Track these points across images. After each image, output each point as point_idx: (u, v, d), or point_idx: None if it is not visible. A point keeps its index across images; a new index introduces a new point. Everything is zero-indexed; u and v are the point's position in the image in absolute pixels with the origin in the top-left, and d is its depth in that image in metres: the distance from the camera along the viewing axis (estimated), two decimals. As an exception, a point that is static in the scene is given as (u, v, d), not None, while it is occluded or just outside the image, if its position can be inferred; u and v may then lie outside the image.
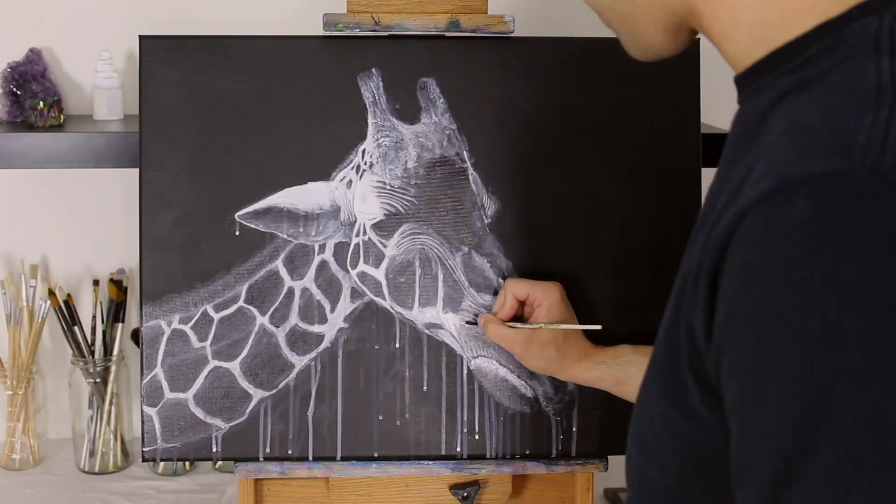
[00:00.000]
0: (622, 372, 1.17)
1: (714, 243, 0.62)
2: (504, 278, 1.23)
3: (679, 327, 0.68)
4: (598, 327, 1.18)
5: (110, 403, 1.61)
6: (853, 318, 0.55)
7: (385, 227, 1.23)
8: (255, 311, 1.23)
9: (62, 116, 1.49)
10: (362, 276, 1.23)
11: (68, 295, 1.60)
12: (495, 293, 1.22)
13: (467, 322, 1.22)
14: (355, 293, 1.23)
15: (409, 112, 1.24)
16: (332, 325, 1.23)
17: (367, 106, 1.23)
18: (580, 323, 1.20)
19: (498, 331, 1.18)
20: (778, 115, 0.66)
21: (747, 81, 0.71)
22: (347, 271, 1.23)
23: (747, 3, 0.69)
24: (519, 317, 1.20)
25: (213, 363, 1.23)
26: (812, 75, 0.65)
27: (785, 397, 0.57)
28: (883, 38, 0.64)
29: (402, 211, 1.23)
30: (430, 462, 1.24)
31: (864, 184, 0.56)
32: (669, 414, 0.70)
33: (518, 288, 1.19)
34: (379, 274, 1.23)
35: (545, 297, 1.18)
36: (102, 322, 1.61)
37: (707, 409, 0.67)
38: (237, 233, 1.23)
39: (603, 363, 1.17)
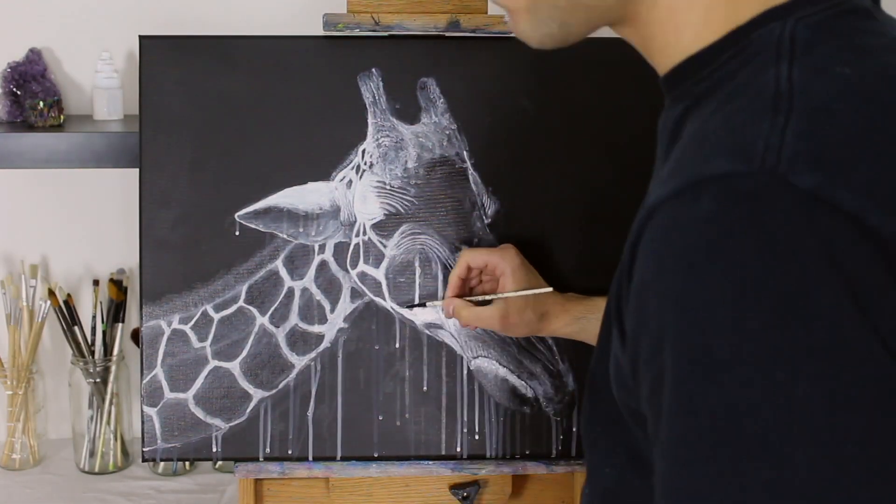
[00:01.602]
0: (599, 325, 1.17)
1: (628, 243, 0.67)
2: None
3: (611, 325, 0.72)
4: (549, 289, 1.17)
5: (110, 403, 1.60)
6: (751, 307, 0.58)
7: (385, 227, 1.23)
8: (255, 311, 1.23)
9: (62, 116, 1.49)
10: (362, 276, 1.23)
11: (68, 295, 1.60)
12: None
13: (408, 306, 1.21)
14: (355, 293, 1.23)
15: (409, 112, 1.24)
16: (332, 325, 1.23)
17: (367, 106, 1.23)
18: (542, 281, 1.19)
19: (471, 314, 1.16)
20: (690, 121, 0.69)
21: (668, 88, 0.74)
22: (347, 271, 1.23)
23: (684, 13, 0.71)
24: (472, 287, 1.19)
25: (213, 363, 1.23)
26: (720, 80, 0.68)
27: (685, 381, 0.60)
28: (784, 43, 0.66)
29: (402, 211, 1.23)
30: (430, 462, 1.24)
31: (763, 184, 0.59)
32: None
33: (475, 257, 1.18)
34: (379, 274, 1.23)
35: (506, 263, 1.16)
36: (102, 322, 1.61)
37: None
38: (237, 233, 1.23)
39: (581, 318, 1.17)
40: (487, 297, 1.17)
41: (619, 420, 0.75)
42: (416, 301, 1.22)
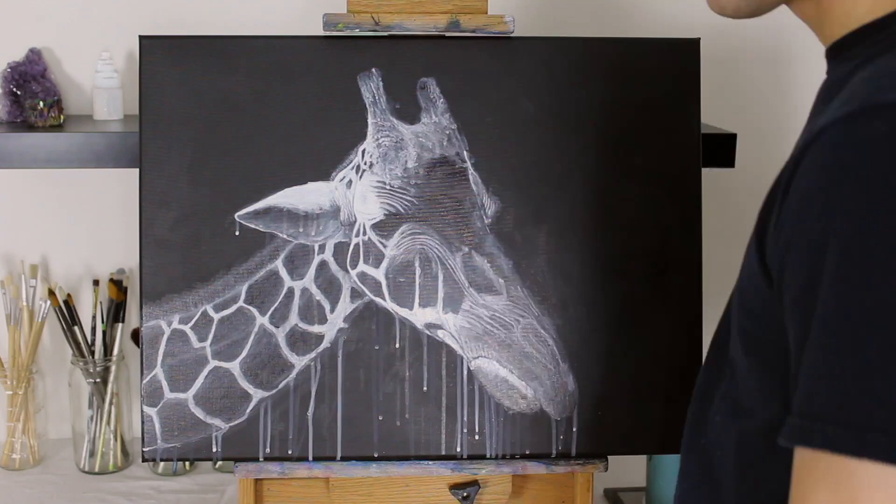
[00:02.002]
0: None
1: (789, 162, 0.70)
2: (504, 278, 1.23)
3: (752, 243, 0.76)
4: None
5: (110, 403, 1.61)
6: None
7: (385, 227, 1.23)
8: (254, 311, 1.23)
9: (62, 116, 1.49)
10: (362, 276, 1.23)
11: (68, 295, 1.60)
12: (496, 293, 1.22)
13: None
14: (355, 293, 1.23)
15: (409, 112, 1.24)
16: (332, 325, 1.23)
17: (367, 106, 1.23)
18: None
19: None
20: (861, 72, 0.73)
21: (838, 51, 0.78)
22: (347, 271, 1.23)
23: None
24: None
25: (213, 363, 1.23)
26: (893, 42, 0.72)
27: (846, 280, 0.64)
28: None
29: (402, 211, 1.23)
30: (430, 462, 1.24)
31: None
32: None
33: None
34: (379, 274, 1.23)
35: None
36: (102, 322, 1.61)
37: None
38: (237, 233, 1.23)
39: None
40: None
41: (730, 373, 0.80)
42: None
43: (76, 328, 1.59)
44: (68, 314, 1.59)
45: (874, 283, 0.63)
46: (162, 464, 1.61)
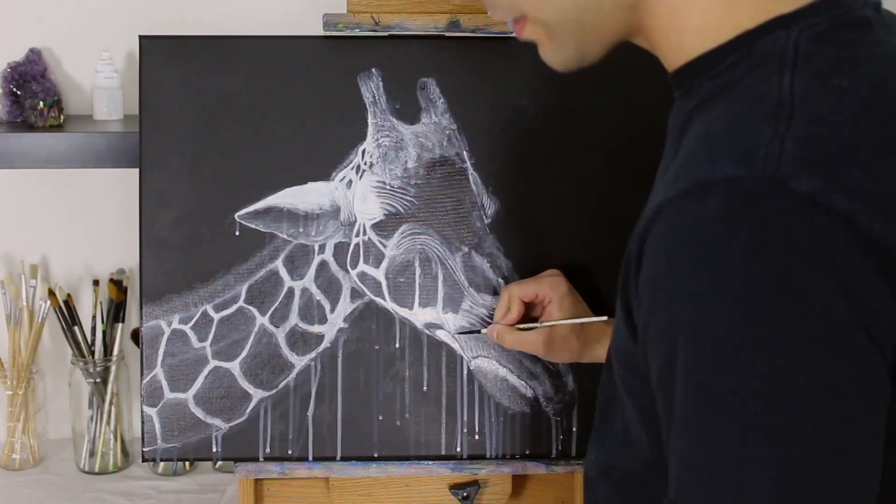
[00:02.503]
0: None
1: (636, 235, 0.72)
2: (504, 278, 1.23)
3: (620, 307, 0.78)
4: (604, 318, 1.17)
5: (110, 403, 1.60)
6: (754, 301, 0.63)
7: (385, 227, 1.23)
8: (255, 311, 1.23)
9: (62, 116, 1.49)
10: (362, 276, 1.23)
11: (68, 295, 1.60)
12: (495, 293, 1.22)
13: (461, 332, 1.22)
14: (355, 293, 1.23)
15: (409, 112, 1.24)
16: (332, 325, 1.23)
17: (367, 106, 1.23)
18: (588, 307, 1.19)
19: (515, 338, 1.17)
20: (697, 120, 0.74)
21: (678, 83, 0.79)
22: (347, 271, 1.23)
23: (689, 15, 0.76)
24: (530, 316, 1.19)
25: (213, 363, 1.23)
26: (727, 83, 0.73)
27: (697, 368, 0.66)
28: (788, 52, 0.71)
29: (402, 211, 1.23)
30: (430, 462, 1.24)
31: (764, 188, 0.64)
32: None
33: (525, 291, 1.18)
34: (379, 274, 1.23)
35: (553, 292, 1.17)
36: (102, 322, 1.61)
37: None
38: (237, 233, 1.23)
39: None
40: (532, 326, 1.17)
41: (615, 398, 0.84)
42: (469, 328, 1.22)
43: (76, 328, 1.59)
44: (68, 314, 1.59)
45: (720, 374, 0.64)
46: (162, 464, 1.61)
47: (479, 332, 1.21)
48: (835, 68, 0.70)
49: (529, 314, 1.19)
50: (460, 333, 1.22)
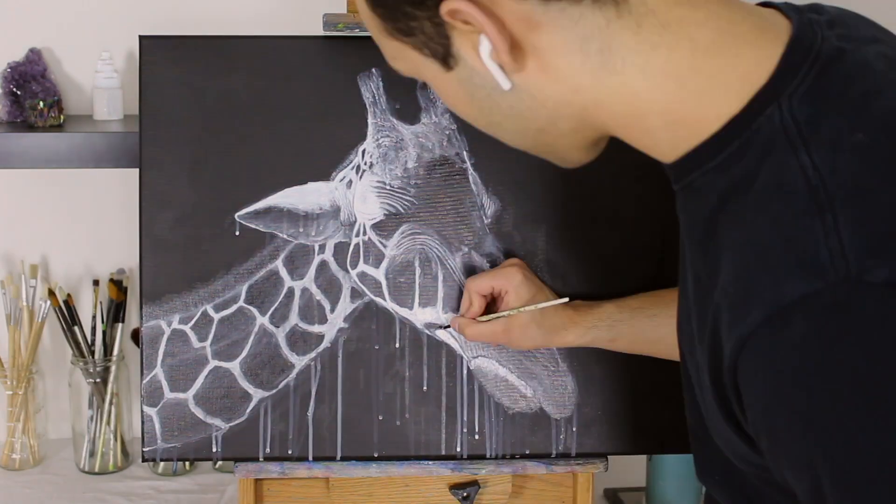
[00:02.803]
0: (613, 331, 1.18)
1: (725, 367, 0.69)
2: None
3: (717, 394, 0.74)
4: (565, 300, 1.17)
5: (110, 403, 1.61)
6: (882, 406, 0.62)
7: (385, 227, 1.23)
8: (255, 311, 1.23)
9: (62, 116, 1.49)
10: (362, 276, 1.23)
11: (68, 295, 1.60)
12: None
13: (440, 328, 1.22)
14: (355, 293, 1.23)
15: (409, 112, 1.23)
16: (332, 325, 1.23)
17: (367, 106, 1.23)
18: (552, 294, 1.19)
19: (475, 330, 1.18)
20: (727, 224, 0.71)
21: (677, 176, 0.77)
22: (347, 271, 1.23)
23: (653, 117, 0.74)
24: (491, 308, 1.20)
25: (213, 363, 1.23)
26: (743, 176, 0.70)
27: (848, 490, 0.64)
28: (790, 127, 0.68)
29: (402, 211, 1.23)
30: (430, 462, 1.24)
31: (846, 293, 0.63)
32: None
33: (480, 285, 1.18)
34: (379, 274, 1.23)
35: (508, 282, 1.17)
36: (102, 322, 1.61)
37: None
38: (237, 233, 1.23)
39: (594, 327, 1.18)
40: (492, 316, 1.17)
41: (732, 469, 0.80)
42: (442, 324, 1.23)
43: (76, 328, 1.59)
44: (68, 314, 1.59)
45: (873, 487, 0.63)
46: (162, 464, 1.61)
47: (447, 327, 1.22)
48: (843, 126, 0.67)
49: (493, 307, 1.20)
50: (428, 326, 1.22)
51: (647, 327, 1.15)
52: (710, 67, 0.71)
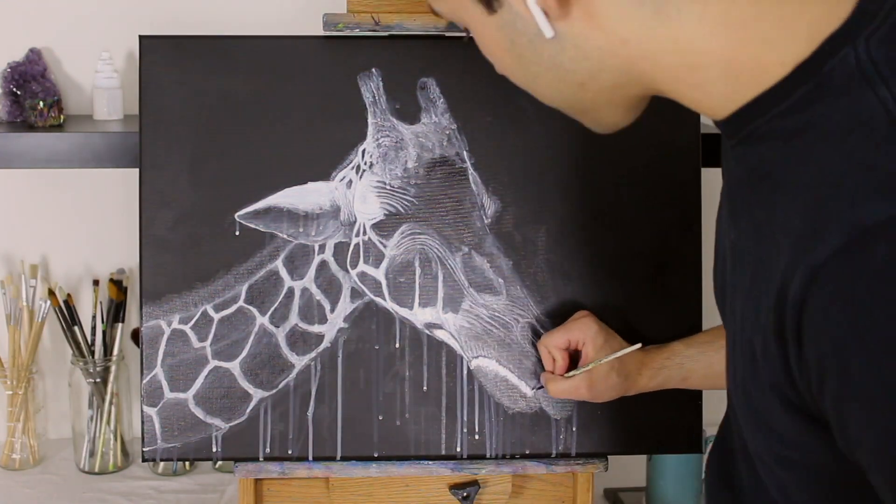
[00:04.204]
0: (683, 370, 1.18)
1: (789, 304, 0.65)
2: (504, 278, 1.23)
3: (763, 381, 0.71)
4: (639, 346, 1.17)
5: (110, 403, 1.61)
6: None
7: (385, 227, 1.23)
8: (255, 311, 1.23)
9: (62, 116, 1.49)
10: (362, 276, 1.23)
11: (68, 295, 1.60)
12: (495, 293, 1.22)
13: (537, 388, 1.23)
14: (355, 293, 1.23)
15: (409, 112, 1.24)
16: (332, 325, 1.23)
17: (367, 106, 1.23)
18: (622, 340, 1.20)
19: (558, 387, 1.18)
20: (794, 163, 0.68)
21: (735, 128, 0.73)
22: (347, 271, 1.23)
23: (709, 68, 0.71)
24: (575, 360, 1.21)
25: (213, 363, 1.23)
26: (814, 117, 0.67)
27: None
28: (867, 68, 0.66)
29: (402, 211, 1.23)
30: (430, 462, 1.24)
31: None
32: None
33: (557, 341, 1.19)
34: (379, 274, 1.23)
35: (584, 333, 1.18)
36: (102, 322, 1.61)
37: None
38: (237, 233, 1.23)
39: (664, 368, 1.18)
40: (576, 372, 1.17)
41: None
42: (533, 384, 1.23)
43: (76, 328, 1.59)
44: (68, 314, 1.59)
45: None
46: (162, 464, 1.61)
47: (540, 388, 1.22)
48: None
49: (573, 360, 1.21)
50: (535, 389, 1.23)
51: (718, 360, 1.12)
52: (777, 14, 0.69)
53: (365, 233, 1.23)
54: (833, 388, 0.64)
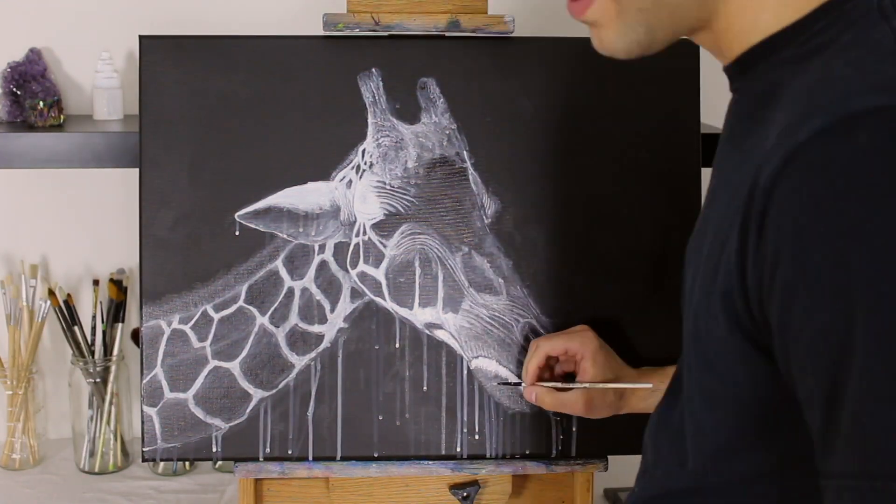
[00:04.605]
0: None
1: (760, 189, 0.64)
2: (504, 278, 1.23)
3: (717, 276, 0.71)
4: (649, 385, 1.16)
5: (110, 403, 1.61)
6: None
7: (385, 226, 1.23)
8: (254, 311, 1.23)
9: (62, 116, 1.49)
10: (362, 275, 1.23)
11: (68, 295, 1.60)
12: (495, 293, 1.22)
13: (501, 383, 1.22)
14: (355, 293, 1.23)
15: (409, 112, 1.24)
16: (332, 325, 1.23)
17: (367, 106, 1.23)
18: (619, 359, 1.20)
19: (554, 400, 1.17)
20: (799, 79, 0.69)
21: (745, 66, 0.75)
22: (347, 271, 1.23)
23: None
24: (559, 373, 1.20)
25: (212, 363, 1.23)
26: (822, 43, 0.70)
27: (866, 308, 0.59)
28: (886, 5, 0.69)
29: (402, 211, 1.23)
30: (430, 462, 1.24)
31: None
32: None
33: (554, 346, 1.18)
34: (379, 274, 1.23)
35: (585, 348, 1.17)
36: (102, 322, 1.61)
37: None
38: (237, 233, 1.23)
39: (656, 392, 1.17)
40: (575, 386, 1.17)
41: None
42: (510, 381, 1.22)
43: (76, 328, 1.59)
44: (68, 314, 1.59)
45: None
46: (162, 464, 1.61)
47: (518, 384, 1.21)
48: None
49: (563, 370, 1.20)
50: (500, 384, 1.22)
51: None
52: None
53: (365, 233, 1.23)
54: (784, 277, 0.63)
